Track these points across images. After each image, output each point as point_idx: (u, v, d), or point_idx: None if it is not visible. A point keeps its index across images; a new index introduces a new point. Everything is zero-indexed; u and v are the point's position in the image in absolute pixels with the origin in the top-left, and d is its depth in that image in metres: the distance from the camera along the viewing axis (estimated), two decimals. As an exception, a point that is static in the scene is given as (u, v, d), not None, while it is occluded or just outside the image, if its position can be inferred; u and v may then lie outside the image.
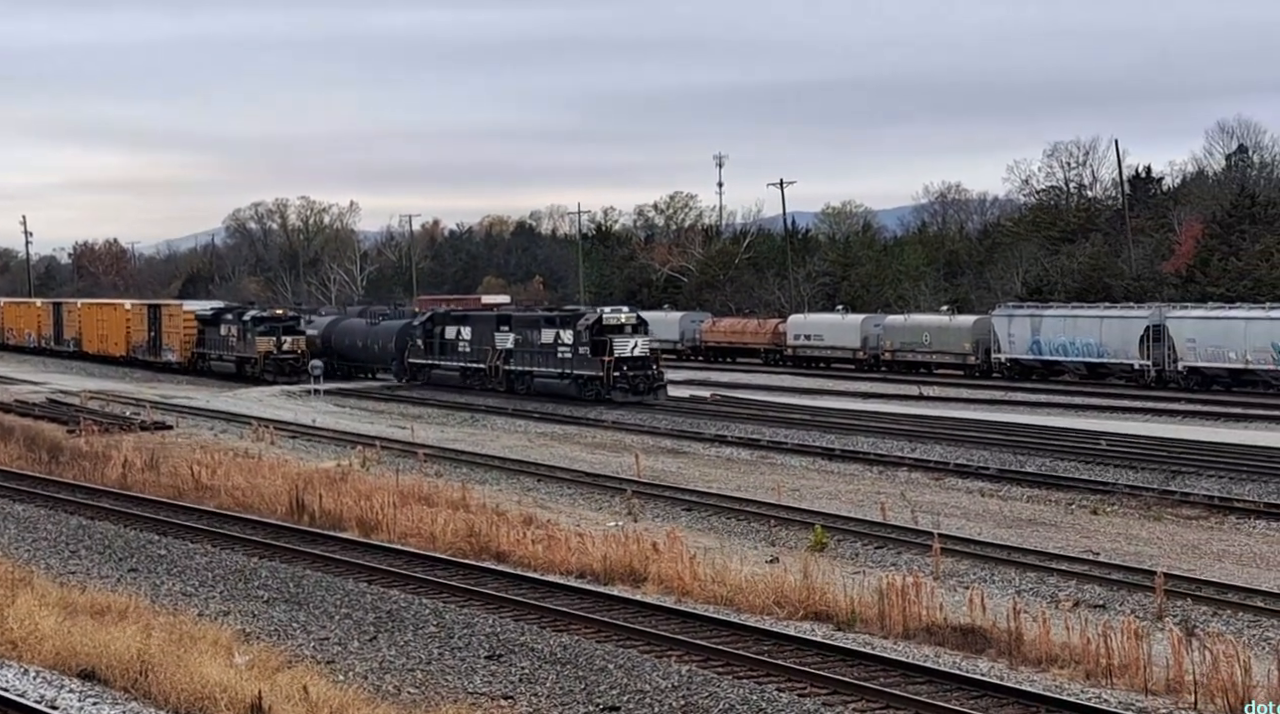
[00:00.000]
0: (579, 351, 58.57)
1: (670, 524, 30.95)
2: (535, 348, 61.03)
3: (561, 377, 59.32)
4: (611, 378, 57.00)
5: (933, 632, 21.29)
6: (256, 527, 31.03)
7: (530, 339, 61.46)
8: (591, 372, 57.74)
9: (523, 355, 61.72)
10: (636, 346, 58.07)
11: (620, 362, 57.27)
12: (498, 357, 62.66)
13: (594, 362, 57.66)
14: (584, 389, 58.04)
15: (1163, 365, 62.46)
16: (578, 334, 58.78)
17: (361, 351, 72.12)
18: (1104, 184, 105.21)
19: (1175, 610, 22.95)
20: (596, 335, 58.08)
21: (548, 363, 60.13)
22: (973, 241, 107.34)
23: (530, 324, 62.28)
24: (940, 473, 39.39)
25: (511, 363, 62.20)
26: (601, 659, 19.86)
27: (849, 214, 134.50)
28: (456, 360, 65.23)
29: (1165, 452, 41.03)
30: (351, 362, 72.85)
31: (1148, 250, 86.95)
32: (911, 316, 78.36)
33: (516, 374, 61.98)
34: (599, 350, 57.76)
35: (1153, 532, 31.01)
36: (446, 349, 65.95)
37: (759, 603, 22.98)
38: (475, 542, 28.08)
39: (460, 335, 65.46)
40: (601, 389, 57.24)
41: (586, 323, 58.71)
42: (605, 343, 57.69)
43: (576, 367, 58.61)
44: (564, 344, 59.43)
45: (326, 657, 20.23)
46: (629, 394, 56.80)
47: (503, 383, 62.43)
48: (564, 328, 59.78)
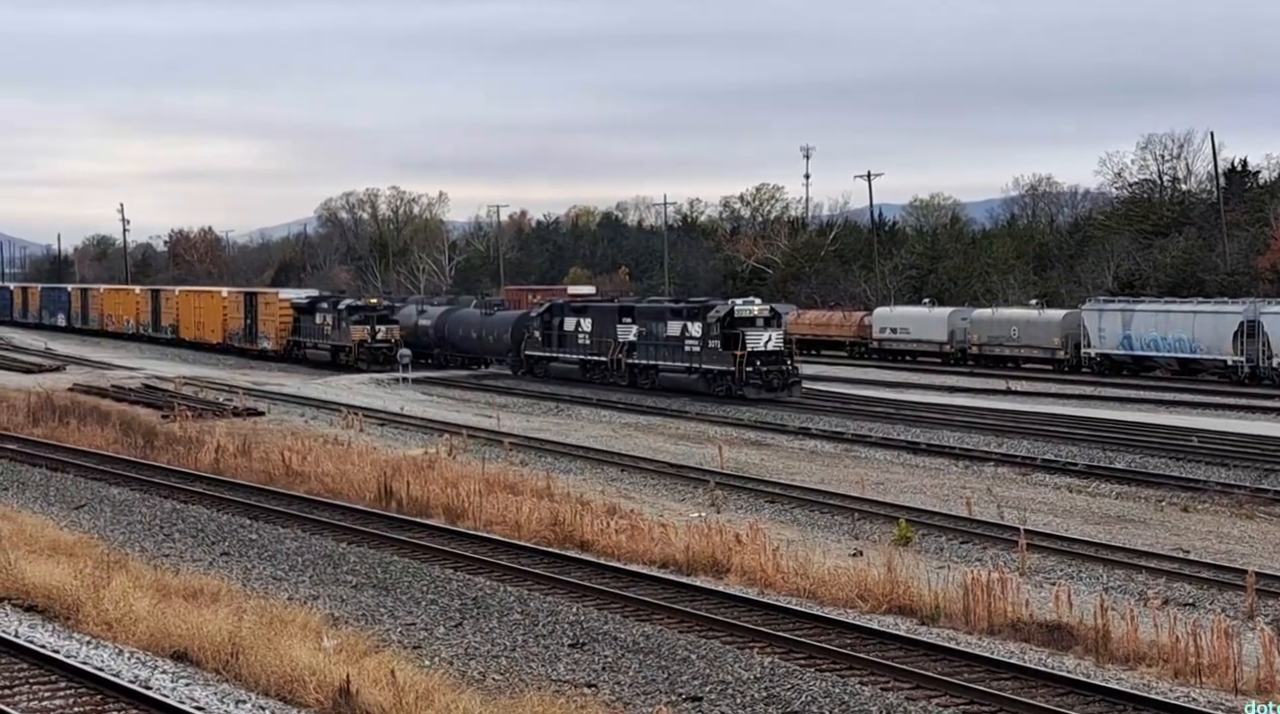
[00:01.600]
0: (708, 345, 56.48)
1: (753, 516, 30.97)
2: (660, 341, 59.11)
3: (689, 371, 57.36)
4: (744, 373, 54.80)
5: (1018, 628, 21.16)
6: (345, 512, 31.38)
7: (655, 331, 59.53)
8: (722, 366, 55.67)
9: (646, 348, 59.89)
10: (770, 340, 55.83)
11: (753, 356, 55.07)
12: (619, 349, 60.91)
13: (725, 356, 55.60)
14: (714, 384, 56.09)
15: (1256, 362, 61.49)
16: (707, 327, 56.54)
17: (475, 342, 71.05)
18: (1199, 177, 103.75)
19: (1267, 610, 22.64)
20: (728, 328, 55.90)
21: (674, 356, 58.27)
22: (1063, 235, 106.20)
23: (655, 316, 60.21)
24: (1027, 468, 39.07)
25: (634, 356, 60.42)
26: (684, 649, 19.93)
27: (937, 206, 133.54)
28: (576, 352, 63.52)
29: (1258, 449, 40.43)
30: (465, 352, 72.13)
31: (1242, 245, 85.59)
32: (999, 310, 77.68)
33: (640, 368, 60.20)
34: (730, 344, 55.64)
35: (1244, 530, 30.58)
36: (565, 341, 64.26)
37: (842, 596, 22.95)
38: (559, 530, 28.25)
39: (580, 327, 63.60)
40: (733, 385, 55.15)
41: (717, 315, 56.44)
42: (737, 336, 55.47)
43: (706, 361, 56.57)
44: (691, 337, 57.35)
45: (413, 642, 20.48)
46: (762, 390, 54.56)
47: (625, 377, 60.71)
48: (692, 320, 57.58)
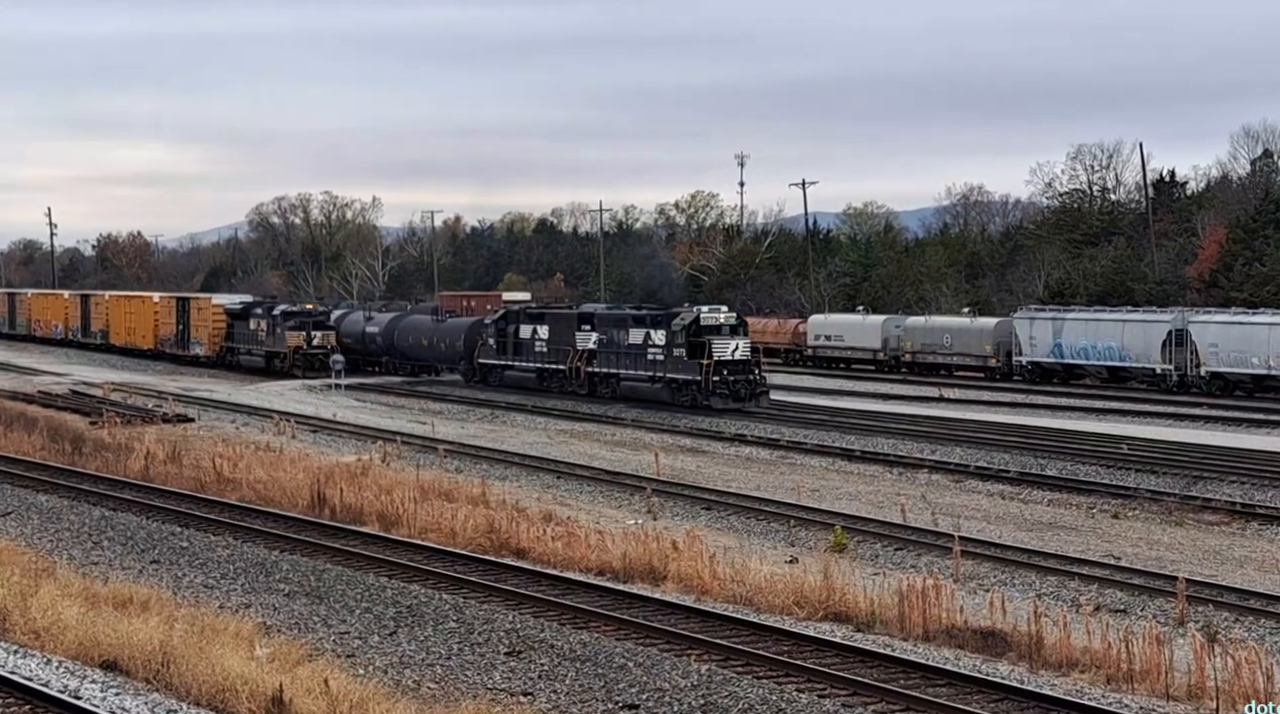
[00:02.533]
0: (673, 353, 54.94)
1: (690, 523, 30.97)
2: (622, 348, 57.64)
3: (653, 380, 55.84)
4: (711, 382, 53.43)
5: (953, 634, 21.26)
6: (278, 520, 31.11)
7: (616, 339, 58.08)
8: (688, 375, 54.27)
9: (607, 356, 58.37)
10: (737, 349, 54.36)
11: (720, 365, 53.72)
12: (579, 357, 59.46)
13: (691, 365, 54.16)
14: (679, 394, 54.71)
15: (1185, 370, 62.24)
16: (672, 334, 55.10)
17: (426, 350, 69.51)
18: (1128, 187, 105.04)
19: (1197, 616, 22.87)
20: (693, 336, 54.50)
21: (636, 365, 56.73)
22: (995, 243, 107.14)
23: (617, 323, 58.72)
24: (961, 475, 39.32)
25: (595, 364, 58.94)
26: (621, 657, 19.88)
27: (870, 215, 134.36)
28: (532, 361, 61.94)
29: (1187, 457, 40.89)
30: (415, 360, 70.79)
31: (1171, 254, 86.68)
32: (932, 318, 78.21)
33: (601, 376, 58.70)
34: (696, 352, 54.21)
35: (1174, 537, 30.91)
36: (521, 349, 62.62)
37: (778, 603, 22.98)
38: (495, 538, 28.13)
39: (536, 334, 62.00)
40: (699, 394, 53.80)
41: (682, 323, 54.97)
42: (703, 344, 54.10)
43: (670, 370, 55.01)
44: (655, 345, 55.90)
45: (347, 650, 20.30)
46: (729, 400, 53.21)
47: (585, 385, 59.22)
48: (655, 327, 56.16)
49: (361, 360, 73.42)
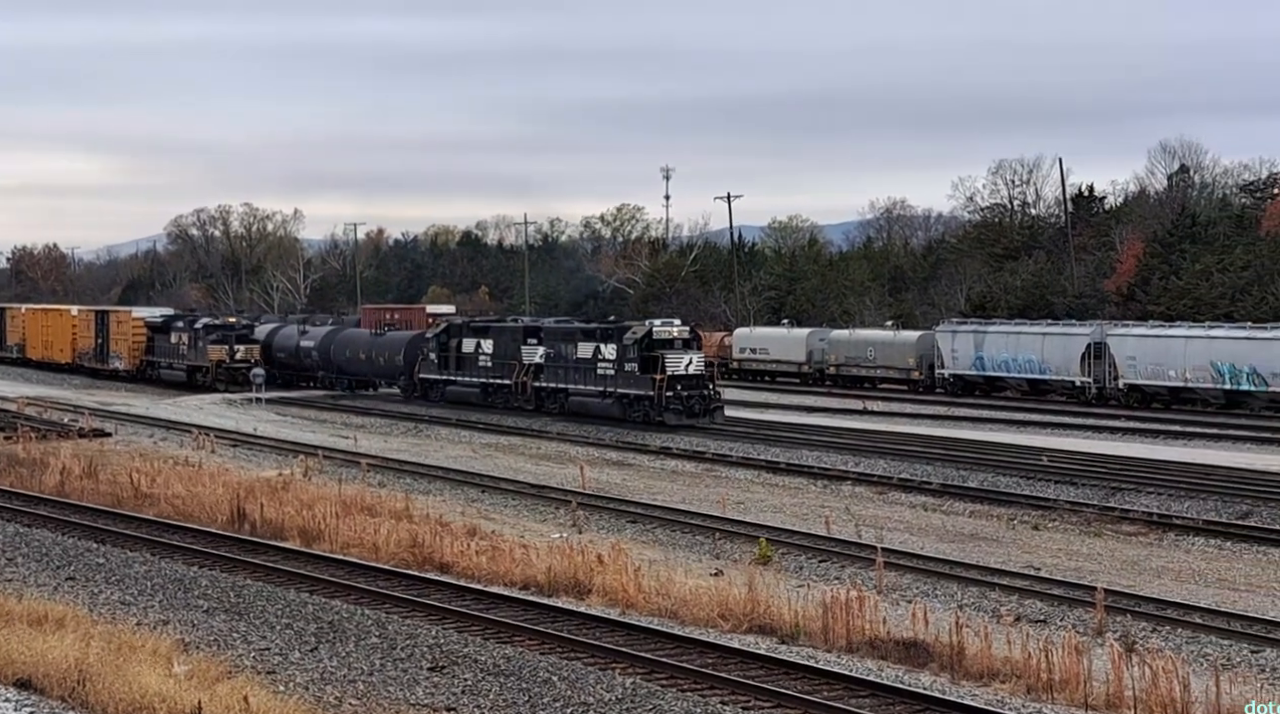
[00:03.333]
0: (625, 368, 53.69)
1: (615, 536, 30.94)
2: (570, 363, 56.36)
3: (603, 395, 54.49)
4: (664, 398, 52.17)
5: (876, 645, 21.36)
6: (196, 535, 30.76)
7: (564, 353, 56.84)
8: (640, 391, 52.91)
9: (555, 371, 57.08)
10: (691, 363, 53.20)
11: (674, 380, 52.46)
12: (525, 372, 58.17)
13: (643, 380, 52.81)
14: (630, 410, 53.44)
15: (1103, 382, 63.00)
16: (624, 349, 53.82)
17: (364, 364, 68.03)
18: (1047, 202, 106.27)
19: (1115, 626, 23.12)
20: (646, 350, 53.19)
21: (586, 380, 55.41)
22: (917, 257, 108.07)
23: (565, 337, 57.56)
24: (884, 487, 39.55)
25: (542, 379, 57.62)
26: (545, 671, 19.80)
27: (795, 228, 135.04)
28: (476, 376, 60.64)
29: (1105, 468, 41.36)
30: (351, 375, 69.49)
31: (1089, 268, 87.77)
32: (856, 331, 78.69)
33: (548, 391, 57.37)
34: (649, 367, 52.89)
35: (1093, 548, 31.24)
36: (464, 363, 61.34)
37: (703, 616, 22.99)
38: (419, 552, 27.97)
39: (480, 348, 60.70)
40: (652, 410, 52.52)
41: (634, 336, 53.75)
42: (656, 359, 52.77)
43: (622, 385, 53.68)
44: (605, 359, 54.63)
45: (267, 667, 20.08)
46: (683, 416, 52.06)
47: (531, 401, 57.94)
48: (606, 341, 54.87)
49: (296, 375, 72.46)
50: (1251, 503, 35.26)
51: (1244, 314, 69.32)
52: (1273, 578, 27.95)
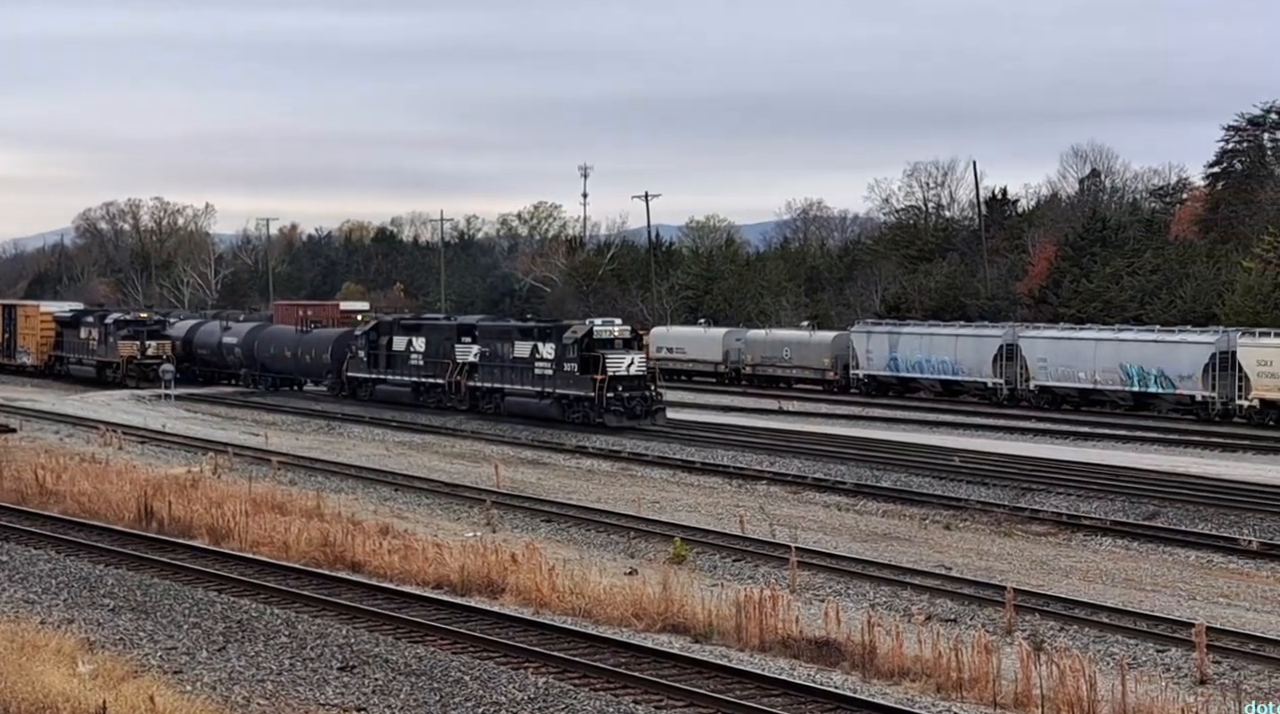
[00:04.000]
0: (564, 368, 52.68)
1: (529, 535, 30.84)
2: (507, 362, 55.32)
3: (541, 396, 53.50)
4: (605, 399, 51.19)
5: (789, 644, 21.43)
6: (103, 533, 30.33)
7: (500, 352, 55.82)
8: (580, 391, 51.98)
9: (490, 370, 56.08)
10: (633, 364, 52.16)
11: (615, 380, 51.42)
12: (459, 371, 57.11)
13: (583, 380, 51.82)
14: (569, 411, 52.49)
15: (1015, 384, 63.70)
16: (563, 348, 52.76)
17: (290, 362, 66.66)
18: (961, 205, 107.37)
19: (1024, 625, 23.34)
20: (586, 350, 52.21)
21: (523, 380, 54.32)
22: (833, 258, 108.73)
23: (501, 336, 56.63)
24: (798, 487, 39.72)
25: (476, 378, 56.60)
26: (457, 671, 19.68)
27: (712, 228, 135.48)
28: (407, 374, 59.45)
29: (1016, 469, 41.80)
30: (277, 373, 68.20)
31: (1002, 271, 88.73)
32: (773, 331, 79.05)
33: (483, 391, 56.35)
34: (589, 367, 51.89)
35: (1003, 547, 31.54)
36: (395, 362, 60.14)
37: (617, 615, 22.96)
38: (330, 551, 27.72)
39: (412, 347, 59.50)
40: (592, 411, 51.56)
41: (574, 336, 52.73)
42: (596, 359, 51.69)
43: (560, 385, 52.73)
44: (543, 359, 53.58)
45: (174, 667, 19.81)
46: (624, 417, 51.11)
47: (465, 401, 56.94)
48: (544, 341, 53.77)
49: (218, 373, 71.23)
50: (1158, 504, 35.78)
51: (1153, 317, 70.40)
52: (1178, 578, 28.37)
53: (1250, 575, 28.76)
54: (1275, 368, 53.52)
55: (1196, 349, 56.74)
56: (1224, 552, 30.60)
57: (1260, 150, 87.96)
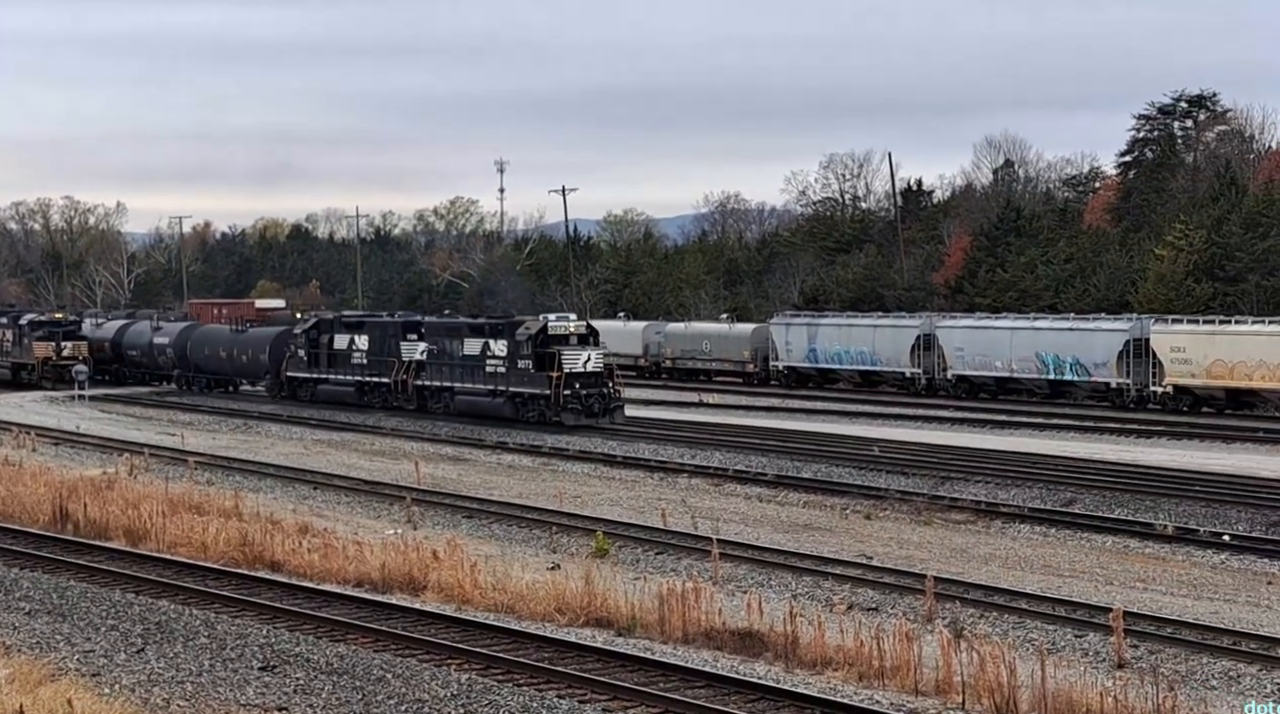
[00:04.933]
0: (518, 366, 51.30)
1: (451, 532, 30.72)
2: (456, 360, 54.04)
3: (493, 394, 52.23)
4: (562, 397, 49.76)
5: (712, 636, 21.48)
6: (17, 536, 29.91)
7: (449, 350, 54.46)
8: (535, 389, 50.68)
9: (439, 369, 54.70)
10: (589, 360, 50.79)
11: (571, 377, 50.03)
12: (405, 370, 55.73)
13: (539, 378, 50.48)
14: (524, 409, 51.19)
15: (933, 374, 64.25)
16: (516, 345, 51.36)
17: (225, 363, 65.19)
18: (877, 196, 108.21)
19: (944, 613, 23.51)
20: (540, 347, 50.84)
21: (473, 378, 52.98)
22: (752, 251, 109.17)
23: (449, 332, 55.21)
24: (720, 479, 39.83)
25: (424, 377, 55.20)
26: (379, 669, 19.56)
27: (630, 222, 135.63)
28: (349, 373, 58.09)
29: (935, 458, 42.16)
30: (211, 374, 66.60)
31: (919, 261, 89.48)
32: (692, 324, 79.21)
33: (432, 391, 54.92)
34: (544, 364, 50.55)
35: (923, 536, 31.79)
36: (336, 361, 58.75)
37: (540, 610, 22.92)
38: (249, 551, 27.47)
39: (354, 345, 58.17)
40: (547, 409, 50.27)
41: (528, 332, 51.34)
42: (552, 356, 50.29)
43: (514, 383, 51.46)
44: (494, 356, 52.21)
45: (92, 670, 19.56)
46: (582, 416, 49.75)
47: (413, 400, 55.57)
48: (495, 337, 52.39)
49: (149, 374, 69.93)
50: (1075, 490, 36.21)
51: (1067, 306, 71.29)
52: (1095, 563, 28.73)
53: (1166, 560, 29.18)
54: (1188, 354, 54.37)
55: (1111, 337, 57.51)
56: (1140, 537, 31.01)
57: (1171, 139, 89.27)
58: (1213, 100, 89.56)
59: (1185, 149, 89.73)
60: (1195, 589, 26.30)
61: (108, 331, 72.71)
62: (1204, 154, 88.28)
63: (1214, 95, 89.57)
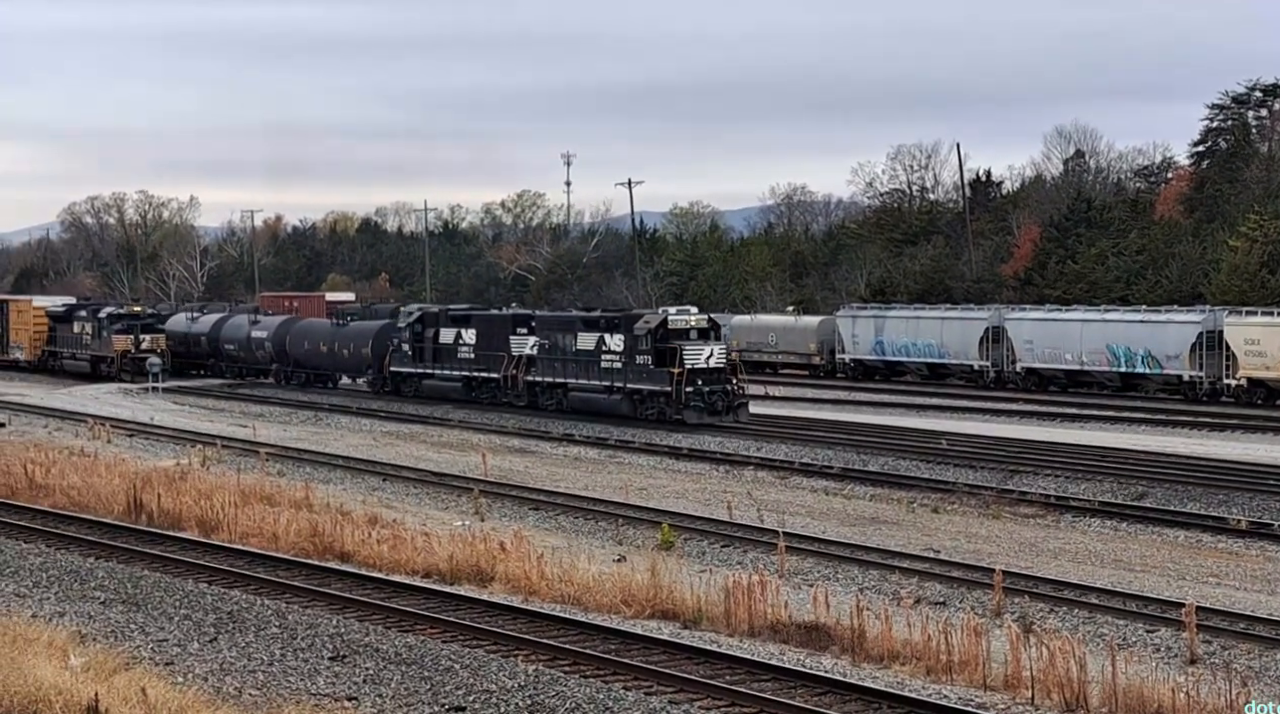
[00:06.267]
0: (636, 361, 49.67)
1: (517, 524, 30.86)
2: (569, 355, 52.38)
3: (609, 391, 50.59)
4: (684, 394, 48.08)
5: (777, 629, 21.47)
6: (93, 526, 30.34)
7: (561, 344, 52.79)
8: (655, 386, 48.92)
9: (551, 364, 53.11)
10: (712, 356, 49.04)
11: (693, 374, 48.35)
12: (514, 364, 54.36)
13: (659, 374, 48.77)
14: (643, 407, 49.58)
15: (1001, 366, 63.80)
16: (635, 340, 49.62)
17: (325, 357, 63.69)
18: (945, 187, 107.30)
19: (1013, 607, 23.39)
20: (660, 342, 49.08)
21: (588, 374, 51.43)
22: (818, 243, 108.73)
23: (562, 326, 53.43)
24: (786, 472, 39.77)
25: (535, 372, 53.76)
26: (447, 659, 19.71)
27: (696, 214, 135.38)
28: (456, 368, 56.77)
29: (1003, 451, 41.88)
30: (311, 368, 65.17)
31: (987, 253, 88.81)
32: (758, 317, 79.07)
33: (544, 386, 53.42)
34: (664, 360, 48.89)
35: (991, 530, 31.61)
36: (442, 355, 57.49)
37: (606, 602, 22.99)
38: (319, 542, 27.72)
39: (461, 339, 56.77)
40: (668, 407, 48.62)
41: (647, 327, 49.45)
42: (673, 351, 48.60)
43: (632, 379, 49.78)
44: (610, 351, 50.62)
45: (165, 658, 19.82)
46: (704, 414, 47.97)
47: (523, 396, 54.25)
48: (611, 332, 50.72)
49: (245, 368, 68.97)
50: (1146, 484, 35.88)
51: (1139, 298, 70.48)
52: (1167, 558, 28.46)
53: (1239, 555, 28.87)
54: (1262, 346, 53.67)
55: (1183, 329, 56.87)
56: (1213, 531, 30.70)
57: (1245, 128, 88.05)
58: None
59: (1260, 138, 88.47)
60: (1269, 584, 26.00)
61: (204, 325, 71.46)
62: (1279, 143, 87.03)
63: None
